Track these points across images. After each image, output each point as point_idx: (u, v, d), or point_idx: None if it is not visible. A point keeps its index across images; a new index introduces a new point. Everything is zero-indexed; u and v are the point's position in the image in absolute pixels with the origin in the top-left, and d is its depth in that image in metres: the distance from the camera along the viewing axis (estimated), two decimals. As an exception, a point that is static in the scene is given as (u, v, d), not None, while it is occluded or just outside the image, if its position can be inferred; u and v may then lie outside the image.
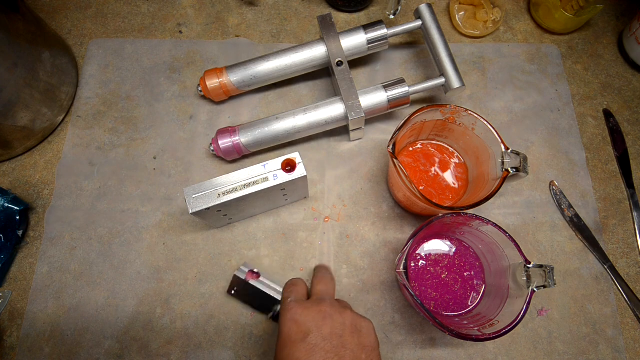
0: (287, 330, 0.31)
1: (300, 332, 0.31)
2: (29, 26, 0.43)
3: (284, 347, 0.31)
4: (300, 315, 0.32)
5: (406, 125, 0.39)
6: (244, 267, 0.42)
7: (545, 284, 0.34)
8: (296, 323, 0.31)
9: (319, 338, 0.30)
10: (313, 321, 0.31)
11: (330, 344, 0.30)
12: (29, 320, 0.42)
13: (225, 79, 0.47)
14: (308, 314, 0.32)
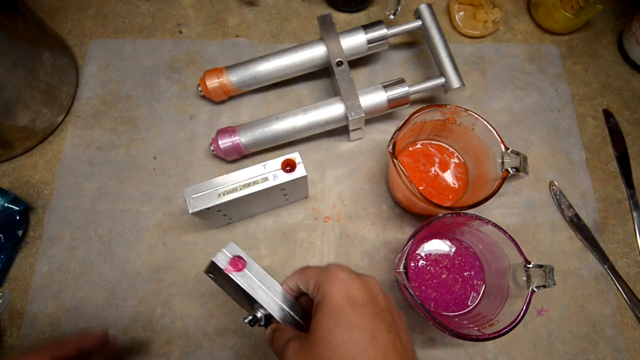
0: (341, 294, 0.26)
1: (358, 299, 0.26)
2: (29, 26, 0.43)
3: (338, 311, 0.26)
4: (354, 282, 0.27)
5: (406, 125, 0.39)
6: (228, 250, 0.32)
7: (545, 283, 0.34)
8: (351, 288, 0.27)
9: (377, 308, 0.27)
10: (367, 291, 0.27)
11: (389, 317, 0.27)
12: (29, 320, 0.42)
13: (225, 79, 0.47)
14: (360, 283, 0.28)
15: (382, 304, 0.27)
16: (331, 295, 0.26)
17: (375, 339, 0.25)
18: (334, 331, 0.25)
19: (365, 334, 0.25)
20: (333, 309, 0.26)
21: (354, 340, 0.24)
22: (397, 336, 0.26)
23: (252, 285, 0.31)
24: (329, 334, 0.25)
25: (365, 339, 0.24)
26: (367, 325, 0.25)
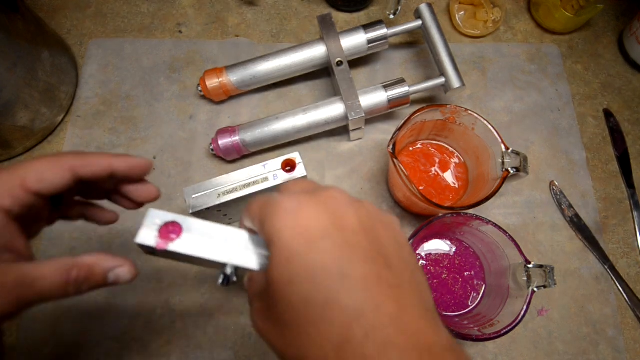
0: (289, 231, 0.19)
1: (315, 230, 0.19)
2: (28, 26, 0.43)
3: (291, 256, 0.19)
4: (306, 207, 0.20)
5: (406, 125, 0.39)
6: (151, 221, 0.26)
7: (545, 284, 0.34)
8: (302, 218, 0.20)
9: (346, 232, 0.19)
10: (326, 213, 0.20)
11: (366, 239, 0.20)
12: (29, 320, 0.42)
13: (225, 79, 0.46)
14: (315, 205, 0.20)
15: (351, 224, 0.20)
16: (278, 235, 0.19)
17: (345, 279, 0.18)
18: (291, 285, 0.18)
19: (332, 278, 0.18)
20: (283, 254, 0.19)
21: (319, 291, 0.18)
22: (382, 261, 0.19)
23: (201, 246, 0.25)
24: (286, 290, 0.19)
25: (332, 285, 0.18)
26: (332, 265, 0.18)
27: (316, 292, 0.18)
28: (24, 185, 0.21)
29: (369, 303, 0.18)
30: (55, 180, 0.22)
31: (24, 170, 0.21)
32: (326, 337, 0.18)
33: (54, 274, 0.21)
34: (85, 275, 0.22)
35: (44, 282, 0.21)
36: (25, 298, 0.20)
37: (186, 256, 0.25)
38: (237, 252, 0.25)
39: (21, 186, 0.21)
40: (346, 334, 0.17)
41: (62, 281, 0.21)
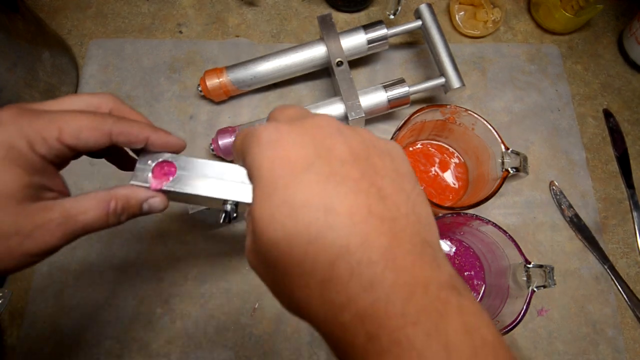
0: (269, 163, 0.18)
1: (298, 161, 0.18)
2: (28, 26, 0.43)
3: (271, 190, 0.17)
4: (288, 136, 0.18)
5: (406, 125, 0.39)
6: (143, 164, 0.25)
7: (545, 284, 0.34)
8: (283, 148, 0.18)
9: (333, 161, 0.18)
10: (311, 142, 0.18)
11: (357, 169, 0.18)
12: (29, 320, 0.42)
13: (225, 79, 0.47)
14: (298, 134, 0.18)
15: (340, 153, 0.18)
16: (258, 168, 0.18)
17: (329, 213, 0.16)
18: (272, 222, 0.17)
19: (315, 213, 0.16)
20: (264, 189, 0.18)
21: (302, 228, 0.17)
22: (375, 192, 0.17)
23: (197, 184, 0.24)
24: (268, 227, 0.17)
25: (315, 221, 0.16)
26: (315, 199, 0.17)
27: (298, 228, 0.16)
28: (61, 138, 0.21)
29: (355, 238, 0.16)
30: (90, 142, 0.22)
31: (64, 122, 0.21)
32: (310, 276, 0.16)
33: (95, 207, 0.22)
34: (123, 205, 0.23)
35: (86, 215, 0.22)
36: (71, 231, 0.22)
37: (183, 194, 0.25)
38: (234, 187, 0.24)
39: (58, 138, 0.21)
40: (330, 272, 0.16)
41: (103, 213, 0.22)
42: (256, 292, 0.43)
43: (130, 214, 0.24)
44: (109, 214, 0.23)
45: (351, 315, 0.15)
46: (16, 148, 0.20)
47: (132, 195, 0.24)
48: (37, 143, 0.21)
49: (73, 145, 0.22)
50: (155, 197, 0.25)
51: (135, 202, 0.24)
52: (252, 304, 0.43)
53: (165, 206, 0.25)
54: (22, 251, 0.20)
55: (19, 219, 0.20)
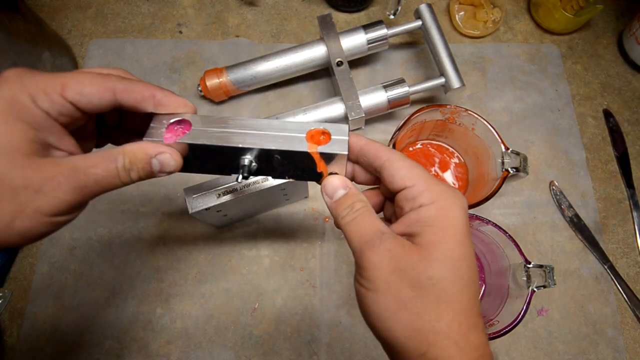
0: (464, 223, 0.23)
1: (469, 234, 0.23)
2: (29, 26, 0.43)
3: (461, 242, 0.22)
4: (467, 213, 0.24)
5: (406, 125, 0.39)
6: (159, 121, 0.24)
7: (545, 283, 0.34)
8: (467, 219, 0.23)
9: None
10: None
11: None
12: (29, 320, 0.42)
13: (225, 79, 0.47)
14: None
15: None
16: (457, 219, 0.22)
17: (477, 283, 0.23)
18: (463, 261, 0.21)
19: (477, 277, 0.22)
20: (458, 237, 0.22)
21: (474, 280, 0.22)
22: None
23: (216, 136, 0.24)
24: (456, 264, 0.21)
25: (477, 283, 0.22)
26: (476, 268, 0.23)
27: (469, 280, 0.21)
28: (63, 93, 0.21)
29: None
30: (94, 97, 0.22)
31: (66, 78, 0.22)
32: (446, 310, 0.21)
33: (103, 161, 0.22)
34: (130, 160, 0.23)
35: (95, 169, 0.22)
36: (82, 185, 0.21)
37: (199, 147, 0.24)
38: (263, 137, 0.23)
39: (60, 93, 0.21)
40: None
41: (112, 167, 0.22)
42: (256, 292, 0.43)
43: (140, 169, 0.23)
44: (118, 168, 0.22)
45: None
46: (19, 102, 0.20)
47: (141, 149, 0.23)
48: (40, 98, 0.21)
49: (76, 102, 0.22)
50: (164, 152, 0.23)
51: (143, 156, 0.23)
52: (252, 304, 0.43)
53: (177, 165, 0.24)
54: (35, 208, 0.20)
55: (27, 172, 0.20)
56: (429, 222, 0.22)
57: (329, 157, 0.24)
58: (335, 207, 0.24)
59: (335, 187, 0.25)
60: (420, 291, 0.21)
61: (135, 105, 0.24)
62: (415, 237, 0.22)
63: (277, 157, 0.24)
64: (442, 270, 0.21)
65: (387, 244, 0.22)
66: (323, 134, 0.24)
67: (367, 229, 0.22)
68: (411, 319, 0.21)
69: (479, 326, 0.21)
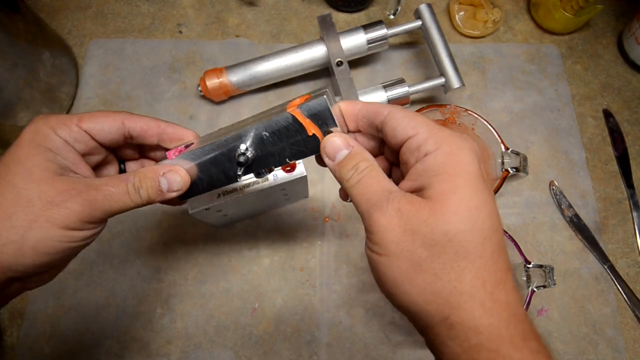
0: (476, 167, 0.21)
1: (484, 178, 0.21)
2: (29, 26, 0.43)
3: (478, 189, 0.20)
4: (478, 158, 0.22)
5: (406, 125, 0.39)
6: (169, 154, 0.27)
7: (545, 283, 0.34)
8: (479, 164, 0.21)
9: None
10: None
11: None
12: (29, 320, 0.42)
13: (225, 79, 0.47)
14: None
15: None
16: (468, 163, 0.20)
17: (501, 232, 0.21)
18: (481, 209, 0.20)
19: (500, 225, 0.21)
20: (472, 182, 0.20)
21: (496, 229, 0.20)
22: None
23: (214, 136, 0.26)
24: (473, 213, 0.19)
25: (500, 231, 0.21)
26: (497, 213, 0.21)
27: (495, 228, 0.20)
28: (79, 124, 0.24)
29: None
30: (105, 125, 0.25)
31: (83, 114, 0.25)
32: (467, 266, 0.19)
33: (115, 180, 0.24)
34: (140, 178, 0.24)
35: (107, 186, 0.23)
36: (93, 199, 0.22)
37: (199, 157, 0.25)
38: (252, 123, 0.24)
39: (76, 124, 0.24)
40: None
41: (122, 184, 0.24)
42: (256, 292, 0.43)
43: (149, 187, 0.24)
44: (128, 186, 0.24)
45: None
46: (41, 132, 0.23)
47: (150, 169, 0.25)
48: (59, 128, 0.23)
49: (90, 129, 0.24)
50: (171, 171, 0.25)
51: (152, 174, 0.24)
52: (252, 304, 0.43)
53: (183, 181, 0.25)
54: (47, 217, 0.21)
55: (43, 185, 0.22)
56: (437, 170, 0.20)
57: (316, 115, 0.23)
58: (338, 170, 0.23)
59: (336, 148, 0.23)
60: (435, 249, 0.19)
61: (142, 134, 0.26)
62: (425, 190, 0.20)
63: (266, 135, 0.24)
64: (458, 223, 0.19)
65: (395, 204, 0.20)
66: (304, 99, 0.24)
67: (374, 190, 0.21)
68: (428, 280, 0.19)
69: (507, 282, 0.19)
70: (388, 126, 0.22)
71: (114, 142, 0.26)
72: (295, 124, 0.23)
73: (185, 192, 0.26)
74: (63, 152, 0.23)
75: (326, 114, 0.23)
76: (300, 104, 0.23)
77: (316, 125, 0.23)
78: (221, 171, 0.26)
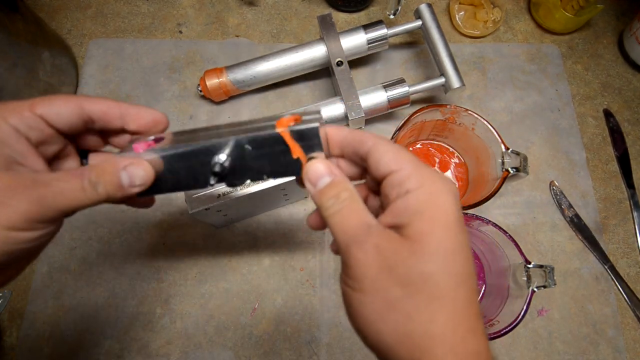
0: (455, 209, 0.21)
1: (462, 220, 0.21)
2: (28, 26, 0.43)
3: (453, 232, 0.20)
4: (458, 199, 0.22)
5: (406, 125, 0.39)
6: (136, 141, 0.24)
7: (545, 284, 0.34)
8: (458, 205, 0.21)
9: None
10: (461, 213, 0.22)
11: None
12: (29, 320, 0.42)
13: (225, 79, 0.46)
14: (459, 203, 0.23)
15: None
16: (448, 204, 0.20)
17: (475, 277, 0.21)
18: (458, 254, 0.20)
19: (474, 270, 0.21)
20: (450, 225, 0.20)
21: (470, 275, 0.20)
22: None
23: (189, 139, 0.23)
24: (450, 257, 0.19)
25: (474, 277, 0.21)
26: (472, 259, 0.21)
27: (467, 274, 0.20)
28: (32, 109, 0.21)
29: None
30: (61, 109, 0.22)
31: (37, 99, 0.22)
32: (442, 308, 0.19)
33: (68, 175, 0.21)
34: (97, 173, 0.21)
35: (58, 182, 0.20)
36: (43, 196, 0.20)
37: (170, 155, 0.23)
38: (235, 132, 0.22)
39: (30, 109, 0.21)
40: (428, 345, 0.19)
41: (77, 180, 0.21)
42: (256, 292, 0.43)
43: (107, 182, 0.21)
44: (83, 181, 0.21)
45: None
46: None
47: (109, 161, 0.22)
48: (9, 115, 0.21)
49: (45, 114, 0.21)
50: (133, 164, 0.22)
51: (111, 168, 0.22)
52: (252, 304, 0.43)
53: (146, 175, 0.22)
54: None
55: None
56: (418, 208, 0.20)
57: (303, 139, 0.22)
58: (319, 197, 0.22)
59: (319, 174, 0.22)
60: (410, 289, 0.19)
61: (103, 117, 0.23)
62: (404, 228, 0.20)
63: (249, 148, 0.23)
64: (434, 264, 0.19)
65: (374, 239, 0.20)
66: (295, 120, 0.23)
67: (353, 222, 0.20)
68: (401, 321, 0.19)
69: (478, 329, 0.19)
70: (372, 157, 0.22)
71: (73, 127, 0.23)
72: (281, 144, 0.22)
73: (148, 189, 0.23)
74: (11, 143, 0.21)
75: (315, 141, 0.22)
76: (291, 125, 0.22)
77: (302, 148, 0.23)
78: (191, 175, 0.24)
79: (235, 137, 0.22)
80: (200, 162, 0.23)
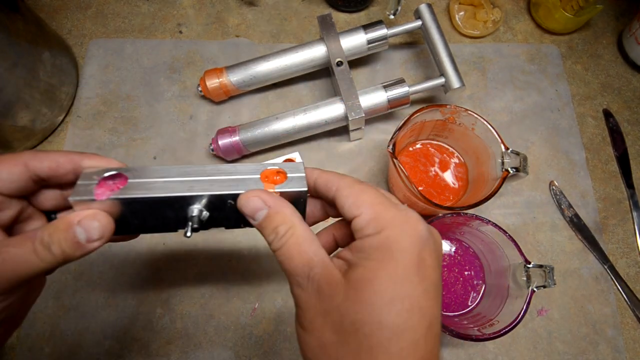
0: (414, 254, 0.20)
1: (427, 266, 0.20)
2: (29, 26, 0.43)
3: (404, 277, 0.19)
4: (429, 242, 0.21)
5: (406, 125, 0.39)
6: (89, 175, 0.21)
7: (545, 283, 0.34)
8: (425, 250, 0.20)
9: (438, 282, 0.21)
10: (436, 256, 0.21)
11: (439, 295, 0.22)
12: (29, 320, 0.42)
13: (225, 79, 0.47)
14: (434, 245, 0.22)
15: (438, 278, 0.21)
16: (402, 251, 0.19)
17: (430, 330, 0.19)
18: (396, 304, 0.18)
19: (424, 322, 0.19)
20: (398, 272, 0.19)
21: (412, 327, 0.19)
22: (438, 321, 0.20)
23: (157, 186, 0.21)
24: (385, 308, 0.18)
25: (421, 329, 0.19)
26: (428, 310, 0.19)
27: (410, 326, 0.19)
28: None
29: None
30: (4, 173, 0.20)
31: None
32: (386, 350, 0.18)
33: (19, 239, 0.19)
34: (50, 232, 0.19)
35: (7, 247, 0.19)
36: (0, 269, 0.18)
37: (139, 202, 0.20)
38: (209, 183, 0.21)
39: None
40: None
41: (29, 244, 0.19)
42: (256, 292, 0.43)
43: (62, 240, 0.19)
44: (35, 243, 0.19)
45: None
46: None
47: (61, 219, 0.20)
48: None
49: None
50: (88, 217, 0.20)
51: (63, 225, 0.19)
52: (252, 304, 0.43)
53: (105, 228, 0.20)
54: None
55: None
56: (368, 254, 0.20)
57: (292, 199, 0.22)
58: (260, 230, 0.22)
59: (253, 207, 0.21)
60: (342, 336, 0.19)
61: (52, 174, 0.22)
62: (353, 269, 0.20)
63: (231, 203, 0.22)
64: (366, 315, 0.18)
65: (314, 283, 0.20)
66: (278, 173, 0.23)
67: (296, 262, 0.20)
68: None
69: None
70: (337, 202, 0.22)
71: (22, 189, 0.21)
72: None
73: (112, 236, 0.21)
74: None
75: (301, 202, 0.23)
76: (278, 184, 0.22)
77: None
78: (161, 222, 0.22)
79: (218, 192, 0.21)
80: (174, 210, 0.22)
